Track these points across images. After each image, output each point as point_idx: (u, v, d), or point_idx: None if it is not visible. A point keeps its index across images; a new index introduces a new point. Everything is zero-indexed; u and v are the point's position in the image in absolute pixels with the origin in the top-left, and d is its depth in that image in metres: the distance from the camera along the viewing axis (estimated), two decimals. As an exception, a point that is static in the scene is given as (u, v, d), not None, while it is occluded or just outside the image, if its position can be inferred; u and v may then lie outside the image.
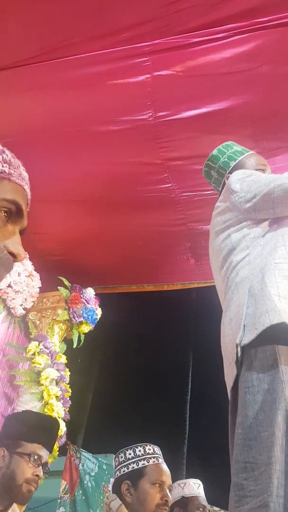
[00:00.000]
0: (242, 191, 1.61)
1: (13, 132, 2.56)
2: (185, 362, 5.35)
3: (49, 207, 3.10)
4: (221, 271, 1.61)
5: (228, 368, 1.39)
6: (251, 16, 2.01)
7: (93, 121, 2.48)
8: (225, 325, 1.47)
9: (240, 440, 1.18)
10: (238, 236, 1.59)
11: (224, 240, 1.63)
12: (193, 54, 2.15)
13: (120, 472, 2.01)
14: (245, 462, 1.15)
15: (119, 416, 4.80)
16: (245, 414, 1.20)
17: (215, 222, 1.72)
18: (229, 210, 1.65)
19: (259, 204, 1.55)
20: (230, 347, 1.38)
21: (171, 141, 2.53)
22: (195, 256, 3.55)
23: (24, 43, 2.15)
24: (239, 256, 1.54)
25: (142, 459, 1.99)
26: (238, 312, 1.39)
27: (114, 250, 3.49)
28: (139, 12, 2.02)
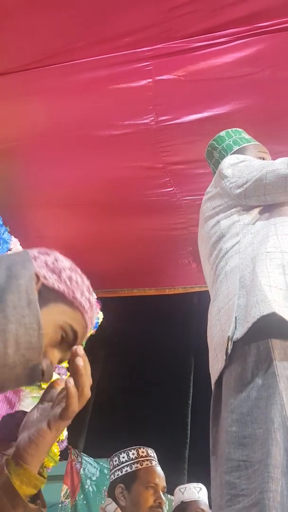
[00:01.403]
0: (234, 176, 1.56)
1: (16, 136, 2.57)
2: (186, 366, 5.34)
3: (51, 211, 3.11)
4: (210, 259, 1.57)
5: (214, 359, 1.34)
6: (253, 21, 2.02)
7: (95, 126, 2.49)
8: (212, 315, 1.43)
9: (234, 438, 1.14)
10: (227, 223, 1.53)
11: (214, 226, 1.58)
12: (195, 58, 2.16)
13: (114, 475, 2.01)
14: (238, 460, 1.11)
15: (120, 420, 4.78)
16: (240, 412, 1.16)
17: (205, 208, 1.67)
18: (220, 196, 1.59)
19: (250, 190, 1.50)
20: (217, 338, 1.33)
21: (173, 145, 2.53)
22: (196, 260, 3.54)
23: (26, 48, 2.16)
24: (228, 244, 1.48)
25: (136, 462, 1.99)
26: (227, 303, 1.34)
27: (115, 254, 3.50)
28: (141, 17, 2.03)
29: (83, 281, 0.90)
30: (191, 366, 5.34)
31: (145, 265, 3.66)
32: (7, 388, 0.78)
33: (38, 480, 0.75)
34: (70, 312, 0.85)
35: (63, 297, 0.85)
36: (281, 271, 1.30)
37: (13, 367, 0.75)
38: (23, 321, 0.76)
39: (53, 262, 0.89)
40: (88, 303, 0.88)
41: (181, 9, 1.97)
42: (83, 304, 0.87)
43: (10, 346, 0.74)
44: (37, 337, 0.77)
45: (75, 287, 0.87)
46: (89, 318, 0.89)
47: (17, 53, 2.18)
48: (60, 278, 0.86)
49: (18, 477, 0.73)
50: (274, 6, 1.96)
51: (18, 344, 0.75)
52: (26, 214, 3.12)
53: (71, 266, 0.91)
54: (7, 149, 2.63)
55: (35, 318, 0.77)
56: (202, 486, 2.64)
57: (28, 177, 2.82)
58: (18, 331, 0.75)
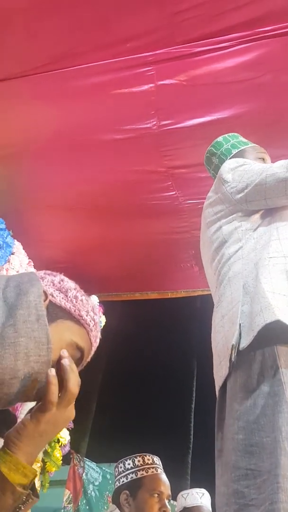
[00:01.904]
0: (234, 181, 1.55)
1: (19, 141, 2.58)
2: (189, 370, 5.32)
3: (54, 214, 3.12)
4: (212, 264, 1.57)
5: (218, 366, 1.34)
6: (254, 26, 2.03)
7: (98, 130, 2.50)
8: (216, 321, 1.43)
9: (241, 446, 1.14)
10: (229, 228, 1.53)
11: (216, 232, 1.58)
12: (197, 63, 2.17)
13: (119, 482, 2.01)
14: (246, 469, 1.11)
15: (123, 425, 4.77)
16: (246, 420, 1.15)
17: (206, 213, 1.67)
18: (220, 201, 1.59)
19: (251, 195, 1.49)
20: (221, 345, 1.33)
21: (175, 149, 2.54)
22: (199, 263, 3.54)
23: (30, 54, 2.18)
24: (231, 249, 1.48)
25: (141, 469, 1.99)
26: (231, 309, 1.34)
27: (118, 258, 3.50)
28: (143, 22, 2.04)
29: (88, 301, 0.95)
30: (194, 370, 5.33)
31: (147, 269, 3.66)
32: (15, 401, 0.81)
33: (26, 469, 0.77)
34: (76, 329, 0.89)
35: (69, 315, 0.89)
36: (284, 277, 1.30)
37: (22, 379, 0.78)
38: (32, 335, 0.79)
39: (59, 282, 0.93)
40: (93, 322, 0.92)
41: (183, 14, 1.99)
42: (88, 322, 0.91)
43: (20, 358, 0.77)
44: (46, 351, 0.80)
45: (81, 306, 0.91)
46: (93, 337, 0.93)
47: (20, 58, 2.19)
48: (66, 296, 0.91)
49: (5, 464, 0.76)
50: (275, 11, 1.97)
51: (27, 357, 0.78)
52: (29, 218, 3.13)
53: (76, 287, 0.95)
54: (11, 154, 2.65)
55: (44, 332, 0.80)
56: (204, 491, 2.63)
57: (31, 181, 2.83)
58: (28, 344, 0.78)
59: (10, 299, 0.83)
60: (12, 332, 0.78)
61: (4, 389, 0.77)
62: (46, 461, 3.19)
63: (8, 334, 0.78)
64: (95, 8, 1.98)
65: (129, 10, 1.99)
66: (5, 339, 0.77)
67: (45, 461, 3.18)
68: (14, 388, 0.78)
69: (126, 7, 1.98)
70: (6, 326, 0.78)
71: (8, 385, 0.77)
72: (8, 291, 0.85)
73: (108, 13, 2.01)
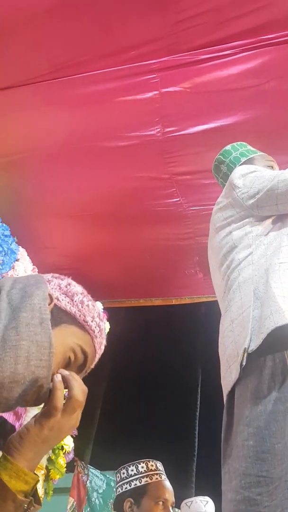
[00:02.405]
0: (245, 186, 1.55)
1: (23, 148, 2.60)
2: (193, 377, 5.31)
3: (59, 221, 3.13)
4: (221, 269, 1.56)
5: (227, 371, 1.33)
6: (258, 33, 2.04)
7: (102, 137, 2.51)
8: (224, 326, 1.42)
9: (252, 452, 1.12)
10: (240, 234, 1.53)
11: (225, 237, 1.57)
12: (201, 71, 2.18)
13: (122, 488, 1.98)
14: (258, 476, 1.09)
15: (127, 432, 4.75)
16: (256, 426, 1.14)
17: (216, 218, 1.66)
18: (231, 206, 1.59)
19: (262, 200, 1.50)
20: (230, 349, 1.33)
21: (179, 156, 2.55)
22: (203, 270, 3.54)
23: (34, 62, 2.19)
24: (241, 255, 1.48)
25: (145, 475, 1.97)
26: (241, 314, 1.34)
27: (122, 264, 3.50)
28: (147, 30, 2.05)
29: (94, 307, 0.93)
30: (199, 377, 5.32)
31: (152, 275, 3.66)
32: (15, 405, 0.79)
33: (27, 475, 0.76)
34: (80, 334, 0.88)
35: (74, 320, 0.88)
36: None
37: (22, 383, 0.76)
38: (35, 339, 0.78)
39: (66, 286, 0.92)
40: (98, 328, 0.91)
41: (187, 22, 2.00)
42: (93, 328, 0.89)
43: (21, 362, 0.76)
44: (47, 355, 0.78)
45: (87, 311, 0.89)
46: (98, 343, 0.91)
47: (25, 66, 2.21)
48: (72, 301, 0.89)
49: (6, 472, 0.74)
50: (278, 19, 1.97)
51: (28, 361, 0.76)
52: (33, 225, 3.14)
53: (83, 291, 0.94)
54: (16, 161, 2.66)
55: (47, 336, 0.79)
56: (208, 499, 2.61)
57: (36, 188, 2.85)
58: (30, 348, 0.77)
59: (15, 301, 0.82)
60: (14, 334, 0.76)
61: (4, 393, 0.76)
62: (50, 469, 3.18)
63: (10, 337, 0.76)
64: (100, 16, 2.00)
65: (133, 18, 2.01)
66: (6, 342, 0.76)
67: (49, 468, 3.17)
68: (14, 393, 0.76)
69: (130, 15, 2.00)
70: (9, 328, 0.77)
71: (8, 389, 0.75)
72: (14, 293, 0.84)
73: (112, 21, 2.02)
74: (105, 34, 2.07)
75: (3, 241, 2.90)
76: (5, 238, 2.93)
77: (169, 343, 5.05)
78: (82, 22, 2.03)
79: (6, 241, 2.92)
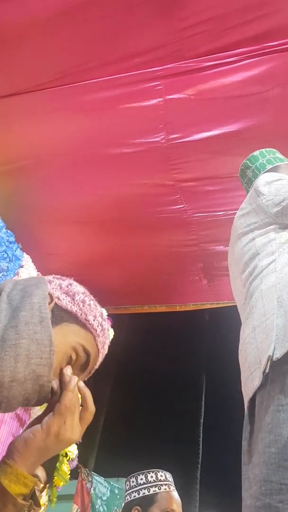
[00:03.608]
0: (270, 194, 1.56)
1: (28, 155, 2.61)
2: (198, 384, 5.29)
3: (63, 228, 3.14)
4: (242, 276, 1.55)
5: (248, 378, 1.32)
6: (261, 41, 2.05)
7: (107, 144, 2.52)
8: (246, 333, 1.41)
9: (273, 459, 1.12)
10: (263, 241, 1.52)
11: (248, 243, 1.56)
12: (205, 78, 2.19)
13: (130, 497, 1.99)
14: (280, 484, 1.08)
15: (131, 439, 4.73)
16: (279, 433, 1.14)
17: (238, 224, 1.65)
18: (255, 213, 1.59)
19: (287, 208, 1.50)
20: (252, 356, 1.32)
21: (183, 162, 2.55)
22: (207, 276, 3.54)
23: (39, 69, 2.21)
24: (264, 262, 1.47)
25: (154, 485, 1.97)
26: (264, 322, 1.33)
27: (126, 271, 3.50)
28: (152, 38, 2.06)
29: (96, 307, 0.92)
30: (203, 383, 5.29)
31: (156, 282, 3.66)
32: (16, 405, 0.78)
33: (27, 478, 0.75)
34: (82, 333, 0.87)
35: (75, 318, 0.87)
36: None
37: (23, 382, 0.76)
38: (35, 337, 0.77)
39: (67, 285, 0.92)
40: (100, 327, 0.90)
41: (191, 29, 2.01)
42: (95, 327, 0.89)
43: (21, 360, 0.75)
44: (48, 354, 0.77)
45: (88, 310, 0.89)
46: (101, 343, 0.90)
47: (30, 73, 2.23)
48: (73, 300, 0.89)
49: (5, 476, 0.74)
50: (282, 26, 1.98)
51: (29, 359, 0.76)
52: (38, 232, 3.15)
53: (85, 291, 0.93)
54: (21, 168, 2.67)
55: (47, 334, 0.78)
56: None
57: (40, 195, 2.86)
58: (30, 346, 0.76)
59: (15, 302, 0.81)
60: (13, 333, 0.76)
61: (4, 392, 0.75)
62: (54, 476, 3.17)
63: (10, 336, 0.76)
64: (104, 23, 2.01)
65: (137, 26, 2.02)
66: (6, 341, 0.75)
67: (53, 475, 3.16)
68: (14, 391, 0.75)
69: (134, 23, 2.01)
70: (8, 328, 0.77)
71: (8, 388, 0.75)
72: (14, 294, 0.84)
73: (117, 29, 2.04)
74: (109, 41, 2.08)
75: (8, 248, 2.91)
76: (10, 245, 2.94)
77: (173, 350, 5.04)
78: (87, 30, 2.05)
79: (10, 247, 2.94)
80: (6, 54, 2.13)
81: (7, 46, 2.10)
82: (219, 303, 3.81)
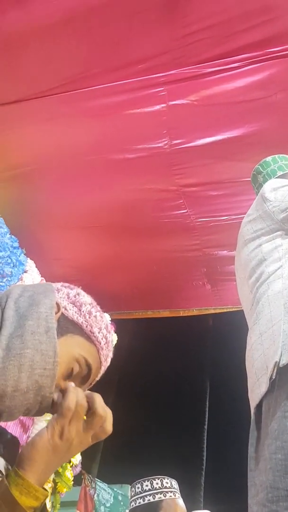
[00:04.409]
0: (277, 200, 1.56)
1: (32, 161, 2.63)
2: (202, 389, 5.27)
3: (66, 233, 3.15)
4: (249, 281, 1.55)
5: (255, 384, 1.32)
6: (264, 46, 2.05)
7: (110, 150, 2.53)
8: (252, 339, 1.41)
9: (280, 466, 1.11)
10: (270, 247, 1.53)
11: (254, 249, 1.57)
12: (208, 83, 2.19)
13: (135, 503, 1.98)
14: (287, 490, 1.08)
15: (135, 445, 4.72)
16: (286, 440, 1.13)
17: (245, 230, 1.66)
18: (261, 219, 1.59)
19: None
20: (259, 362, 1.32)
21: (186, 168, 2.56)
22: (211, 281, 3.54)
23: (43, 76, 2.22)
24: (270, 268, 1.47)
25: (159, 492, 1.96)
26: (271, 327, 1.33)
27: (129, 276, 3.50)
28: (155, 44, 2.07)
29: (102, 318, 0.92)
30: (207, 389, 5.27)
31: (159, 287, 3.65)
32: (17, 415, 0.79)
33: (38, 492, 0.74)
34: (86, 345, 0.87)
35: (80, 330, 0.87)
36: None
37: (25, 392, 0.76)
38: (40, 348, 0.77)
39: (74, 295, 0.91)
40: (104, 340, 0.89)
41: (194, 36, 2.02)
42: (100, 340, 0.88)
43: (25, 371, 0.75)
44: (52, 365, 0.77)
45: (94, 322, 0.89)
46: (104, 356, 0.90)
47: (34, 80, 2.24)
48: (80, 311, 0.88)
49: (17, 488, 0.73)
50: (285, 32, 1.99)
51: (32, 369, 0.76)
52: (41, 237, 3.16)
53: (92, 302, 0.93)
54: (25, 173, 2.69)
55: (52, 345, 0.78)
56: None
57: (44, 200, 2.87)
58: (35, 357, 0.76)
59: (22, 309, 0.81)
60: (19, 343, 0.76)
61: (6, 401, 0.75)
62: (57, 482, 3.16)
63: (15, 345, 0.76)
64: (108, 30, 2.03)
65: (140, 32, 2.03)
66: (11, 350, 0.75)
67: (56, 481, 3.15)
68: (16, 401, 0.75)
69: (138, 29, 2.02)
70: (14, 336, 0.77)
71: (11, 398, 0.75)
72: (21, 301, 0.83)
73: (120, 35, 2.05)
74: (113, 48, 2.10)
75: (12, 253, 2.91)
76: (14, 250, 2.94)
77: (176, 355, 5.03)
78: (91, 37, 2.06)
79: (14, 252, 2.94)
80: (11, 61, 2.14)
81: (12, 53, 2.11)
82: (223, 308, 3.81)
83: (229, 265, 3.17)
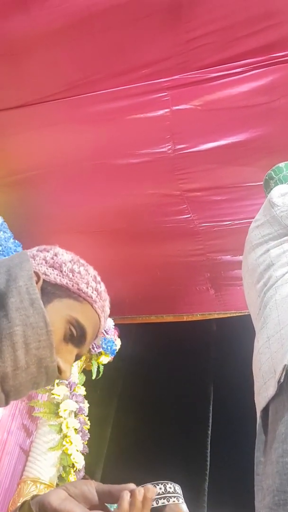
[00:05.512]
0: (284, 205, 1.56)
1: (35, 166, 2.63)
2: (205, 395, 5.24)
3: (70, 238, 3.15)
4: (256, 286, 1.55)
5: (262, 387, 1.31)
6: (268, 51, 2.05)
7: (114, 155, 2.53)
8: (260, 343, 1.41)
9: (287, 469, 1.13)
10: (277, 252, 1.52)
11: (262, 255, 1.56)
12: (211, 88, 2.20)
13: None
14: None
15: (138, 450, 4.69)
16: None
17: (253, 235, 1.66)
18: (269, 224, 1.59)
19: None
20: (267, 366, 1.31)
21: (190, 173, 2.56)
22: (214, 286, 3.53)
23: (47, 81, 2.23)
24: (278, 272, 1.47)
25: (162, 497, 1.95)
26: (279, 331, 1.33)
27: (133, 281, 3.50)
28: (158, 49, 2.08)
29: (88, 271, 0.89)
30: (210, 394, 5.25)
31: (163, 292, 3.65)
32: (25, 391, 0.77)
33: None
34: (77, 305, 0.84)
35: (68, 291, 0.84)
36: None
37: (26, 368, 0.75)
38: (28, 322, 0.75)
39: (52, 257, 0.88)
40: (96, 293, 0.87)
41: (197, 41, 2.02)
42: (90, 294, 0.86)
43: (19, 348, 0.74)
44: (46, 335, 0.76)
45: (79, 279, 0.86)
46: (99, 308, 0.88)
47: (38, 85, 2.25)
48: (61, 272, 0.85)
49: None
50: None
51: (27, 345, 0.74)
52: (45, 241, 3.14)
53: (72, 258, 0.90)
54: (28, 178, 2.69)
55: (41, 316, 0.76)
56: None
57: (48, 205, 2.88)
58: (26, 332, 0.75)
59: (0, 287, 0.78)
60: (6, 323, 0.74)
61: (10, 381, 0.74)
62: (61, 487, 3.14)
63: (2, 326, 0.74)
64: (111, 35, 2.03)
65: (144, 37, 2.04)
66: (0, 332, 0.73)
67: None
68: (20, 379, 0.74)
69: (141, 35, 2.03)
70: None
71: (13, 377, 0.74)
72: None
73: (124, 40, 2.05)
74: (117, 53, 2.10)
75: (15, 257, 2.92)
76: (17, 255, 2.95)
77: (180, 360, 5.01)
78: (94, 41, 2.06)
79: (18, 257, 2.94)
80: (14, 66, 2.15)
81: (15, 58, 2.12)
82: (227, 313, 3.80)
83: (233, 270, 3.17)
